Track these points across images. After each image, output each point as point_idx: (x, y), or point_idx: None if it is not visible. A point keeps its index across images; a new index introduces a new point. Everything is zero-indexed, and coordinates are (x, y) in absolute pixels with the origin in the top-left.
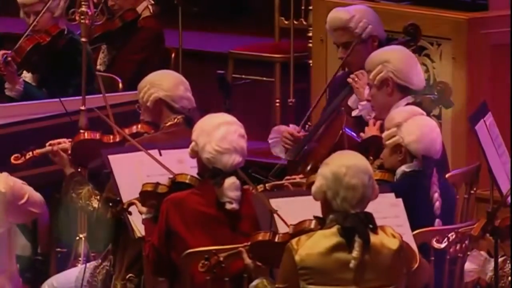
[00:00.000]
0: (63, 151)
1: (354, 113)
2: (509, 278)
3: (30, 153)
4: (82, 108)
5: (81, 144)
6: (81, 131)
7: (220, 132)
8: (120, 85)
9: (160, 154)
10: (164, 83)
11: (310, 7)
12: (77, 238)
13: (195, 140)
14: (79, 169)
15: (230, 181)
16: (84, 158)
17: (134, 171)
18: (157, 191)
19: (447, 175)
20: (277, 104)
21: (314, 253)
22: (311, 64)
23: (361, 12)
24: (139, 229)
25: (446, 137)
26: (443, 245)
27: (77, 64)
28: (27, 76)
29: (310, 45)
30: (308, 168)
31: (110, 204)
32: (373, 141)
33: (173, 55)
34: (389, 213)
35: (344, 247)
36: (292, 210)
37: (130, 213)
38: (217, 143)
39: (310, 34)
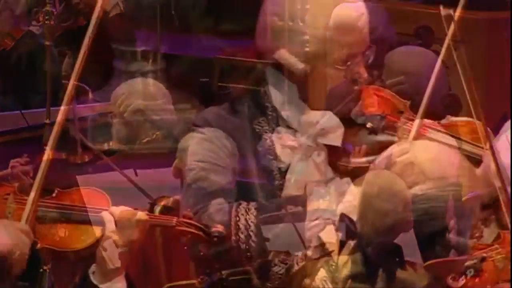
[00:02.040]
0: (24, 174)
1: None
2: None
3: None
4: (47, 121)
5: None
6: (44, 150)
7: (206, 148)
8: (90, 94)
9: (136, 175)
10: (145, 92)
11: (307, 6)
12: (41, 270)
13: (179, 156)
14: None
15: (217, 203)
16: (48, 181)
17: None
18: (136, 219)
19: (463, 199)
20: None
21: (329, 281)
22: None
23: (372, 11)
24: (112, 260)
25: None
26: (460, 284)
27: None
28: None
29: (307, 49)
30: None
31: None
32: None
33: (150, 61)
34: (398, 242)
35: (365, 278)
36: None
37: (105, 250)
38: (203, 159)
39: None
